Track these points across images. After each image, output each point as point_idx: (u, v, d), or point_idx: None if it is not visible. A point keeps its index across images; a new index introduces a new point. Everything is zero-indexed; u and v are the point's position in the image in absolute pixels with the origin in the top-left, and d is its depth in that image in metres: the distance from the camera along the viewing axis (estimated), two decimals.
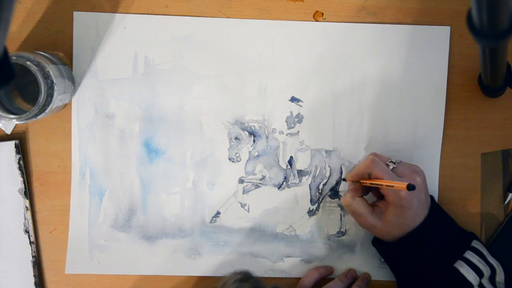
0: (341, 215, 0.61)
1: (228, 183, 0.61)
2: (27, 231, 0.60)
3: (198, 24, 0.60)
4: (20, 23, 0.60)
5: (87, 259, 0.61)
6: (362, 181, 0.56)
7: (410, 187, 0.47)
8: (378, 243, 0.57)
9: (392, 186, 0.50)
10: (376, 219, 0.54)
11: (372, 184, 0.53)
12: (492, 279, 0.52)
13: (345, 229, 0.61)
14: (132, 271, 0.61)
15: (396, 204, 0.52)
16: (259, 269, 0.61)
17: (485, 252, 0.53)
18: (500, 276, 0.53)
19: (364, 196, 0.56)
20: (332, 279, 0.60)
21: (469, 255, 0.53)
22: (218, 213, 0.61)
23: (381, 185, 0.52)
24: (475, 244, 0.54)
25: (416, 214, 0.53)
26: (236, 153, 0.61)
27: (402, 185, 0.48)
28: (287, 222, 0.61)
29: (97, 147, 0.61)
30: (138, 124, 0.61)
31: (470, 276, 0.51)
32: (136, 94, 0.60)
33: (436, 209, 0.55)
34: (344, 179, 0.60)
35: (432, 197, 0.57)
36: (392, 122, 0.60)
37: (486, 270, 0.52)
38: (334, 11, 0.60)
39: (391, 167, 0.54)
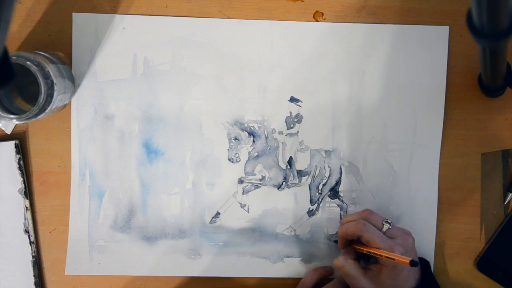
0: (341, 215, 0.61)
1: (228, 184, 0.61)
2: (27, 231, 0.60)
3: (197, 25, 0.60)
4: (20, 23, 0.60)
5: (87, 260, 0.61)
6: (357, 247, 0.55)
7: (413, 264, 0.46)
8: None
9: (393, 259, 0.49)
10: (369, 282, 0.54)
11: (369, 252, 0.53)
12: None
13: None
14: (132, 271, 0.61)
15: (391, 266, 0.52)
16: (259, 270, 0.61)
17: None
18: None
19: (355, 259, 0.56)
20: (332, 279, 0.60)
21: None
22: (218, 213, 0.61)
23: (380, 255, 0.51)
24: None
25: (408, 276, 0.53)
26: (235, 154, 0.61)
27: (405, 260, 0.47)
28: (287, 222, 0.61)
29: (96, 148, 0.61)
30: (137, 125, 0.61)
31: None
32: (135, 95, 0.60)
33: (428, 277, 0.56)
34: (313, 212, 0.61)
35: (427, 262, 0.57)
36: (391, 122, 0.60)
37: None
38: (334, 11, 0.60)
39: (386, 227, 0.54)
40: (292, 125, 0.61)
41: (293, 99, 0.61)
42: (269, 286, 0.61)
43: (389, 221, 0.54)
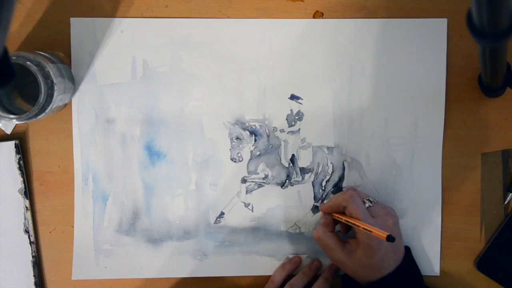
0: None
1: (231, 183, 0.61)
2: (27, 231, 0.60)
3: (195, 26, 0.60)
4: (20, 23, 0.60)
5: (93, 265, 0.61)
6: (337, 216, 0.55)
7: (390, 239, 0.45)
8: (348, 281, 0.57)
9: (371, 232, 0.49)
10: (346, 256, 0.54)
11: (347, 222, 0.53)
12: None
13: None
14: (138, 274, 0.61)
15: (366, 244, 0.52)
16: (265, 268, 0.61)
17: None
18: None
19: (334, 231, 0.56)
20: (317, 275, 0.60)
21: None
22: (222, 213, 0.61)
23: (358, 225, 0.51)
24: None
25: (385, 257, 0.53)
26: (237, 153, 0.61)
27: (382, 233, 0.47)
28: (292, 220, 0.61)
29: (98, 152, 0.61)
30: (139, 128, 0.61)
31: None
32: (135, 98, 0.60)
33: (409, 262, 0.56)
34: (317, 207, 0.61)
35: (408, 249, 0.57)
36: (392, 116, 0.60)
37: None
38: (334, 11, 0.60)
39: (366, 205, 0.54)
40: (293, 123, 0.61)
41: (293, 97, 0.61)
42: None
43: (371, 199, 0.55)
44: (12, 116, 0.53)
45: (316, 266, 0.60)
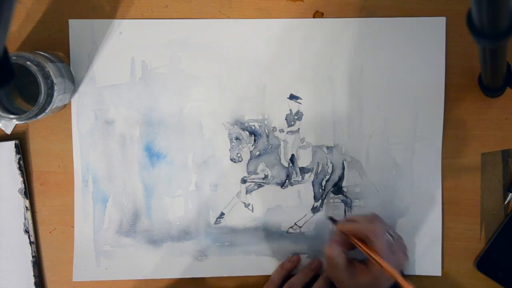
0: (345, 210, 0.61)
1: (231, 184, 0.61)
2: (27, 231, 0.60)
3: (193, 26, 0.60)
4: (20, 23, 0.60)
5: (94, 266, 0.61)
6: (355, 241, 0.54)
7: None
8: None
9: (397, 282, 0.48)
10: (348, 277, 0.53)
11: (368, 254, 0.52)
12: None
13: None
14: (139, 275, 0.61)
15: (376, 277, 0.51)
16: (266, 268, 0.61)
17: None
18: None
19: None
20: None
21: None
22: (222, 214, 0.61)
23: (380, 265, 0.50)
24: None
25: None
26: (237, 154, 0.61)
27: (409, 286, 0.46)
28: (292, 220, 0.61)
29: (98, 153, 0.61)
30: (138, 129, 0.61)
31: None
32: (135, 99, 0.60)
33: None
34: (331, 219, 0.58)
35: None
36: (392, 115, 0.60)
37: None
38: (334, 11, 0.60)
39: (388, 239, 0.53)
40: (292, 123, 0.61)
41: (292, 97, 0.61)
42: None
43: (391, 233, 0.54)
44: (12, 116, 0.53)
45: (316, 266, 0.60)
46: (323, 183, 0.61)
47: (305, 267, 0.60)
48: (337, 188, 0.61)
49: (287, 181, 0.61)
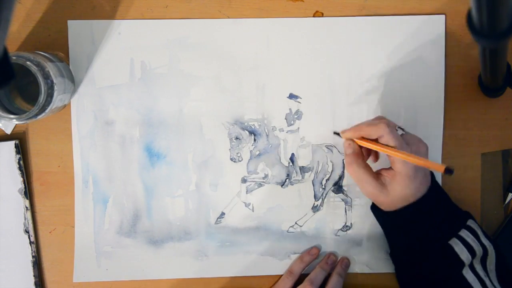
0: (345, 209, 0.61)
1: (231, 183, 0.61)
2: (27, 231, 0.60)
3: (192, 26, 0.60)
4: (20, 23, 0.60)
5: (94, 267, 0.61)
6: (365, 143, 0.52)
7: (448, 171, 0.43)
8: (376, 210, 0.56)
9: (423, 165, 0.46)
10: (380, 189, 0.52)
11: (382, 150, 0.50)
12: (483, 260, 0.52)
13: (351, 223, 0.61)
14: (140, 276, 0.61)
15: (404, 174, 0.50)
16: (266, 268, 0.61)
17: (479, 232, 0.53)
18: (491, 259, 0.52)
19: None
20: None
21: (464, 233, 0.52)
22: (223, 213, 0.61)
23: (400, 155, 0.48)
24: (471, 223, 0.53)
25: (420, 186, 0.52)
26: (237, 153, 0.61)
27: (439, 167, 0.44)
28: (292, 219, 0.61)
29: (98, 154, 0.61)
30: (138, 129, 0.61)
31: (463, 255, 0.51)
32: (134, 99, 0.60)
33: (436, 185, 0.54)
34: (337, 133, 0.56)
35: (432, 173, 0.55)
36: (391, 113, 0.60)
37: (478, 250, 0.52)
38: (334, 11, 0.60)
39: (400, 133, 0.52)
40: (292, 122, 0.61)
41: (292, 96, 0.61)
42: None
43: (402, 127, 0.53)
44: (12, 116, 0.53)
45: (333, 260, 0.60)
46: (323, 182, 0.61)
47: (322, 261, 0.60)
48: (338, 187, 0.61)
49: (287, 180, 0.61)
